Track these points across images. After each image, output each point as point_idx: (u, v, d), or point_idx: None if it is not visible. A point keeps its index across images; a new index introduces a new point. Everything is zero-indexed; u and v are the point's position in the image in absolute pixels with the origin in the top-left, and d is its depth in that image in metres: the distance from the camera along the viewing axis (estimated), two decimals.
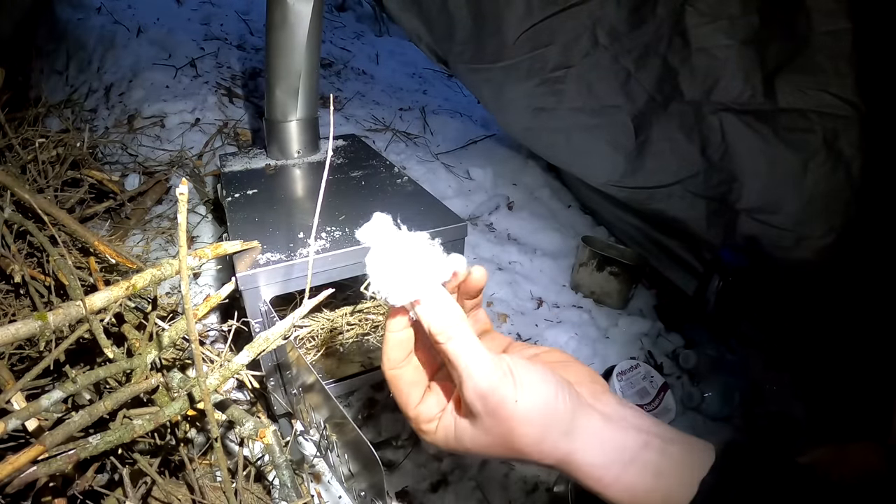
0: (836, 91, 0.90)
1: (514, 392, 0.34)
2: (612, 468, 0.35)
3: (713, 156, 1.13)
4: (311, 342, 0.94)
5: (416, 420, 0.39)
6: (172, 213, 1.40)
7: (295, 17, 1.06)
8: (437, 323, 0.35)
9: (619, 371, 1.16)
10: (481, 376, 0.34)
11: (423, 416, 0.39)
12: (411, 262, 0.36)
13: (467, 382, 0.34)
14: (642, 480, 0.34)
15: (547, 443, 0.35)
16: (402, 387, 0.39)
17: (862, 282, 1.00)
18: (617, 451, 0.35)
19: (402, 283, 0.36)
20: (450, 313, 0.35)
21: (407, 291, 0.36)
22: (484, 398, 0.34)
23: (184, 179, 0.47)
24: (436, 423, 0.38)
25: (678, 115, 1.13)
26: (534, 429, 0.34)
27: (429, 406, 0.39)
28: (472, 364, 0.34)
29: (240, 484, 0.64)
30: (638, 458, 0.35)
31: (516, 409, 0.33)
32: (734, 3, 0.95)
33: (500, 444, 0.35)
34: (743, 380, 1.19)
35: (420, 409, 0.39)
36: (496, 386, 0.34)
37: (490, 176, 1.81)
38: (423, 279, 0.36)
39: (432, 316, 0.35)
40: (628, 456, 0.35)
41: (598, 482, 0.35)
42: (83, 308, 0.55)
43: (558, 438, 0.35)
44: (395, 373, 0.39)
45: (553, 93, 1.31)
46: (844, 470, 0.36)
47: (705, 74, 1.04)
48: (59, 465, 0.46)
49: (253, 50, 2.17)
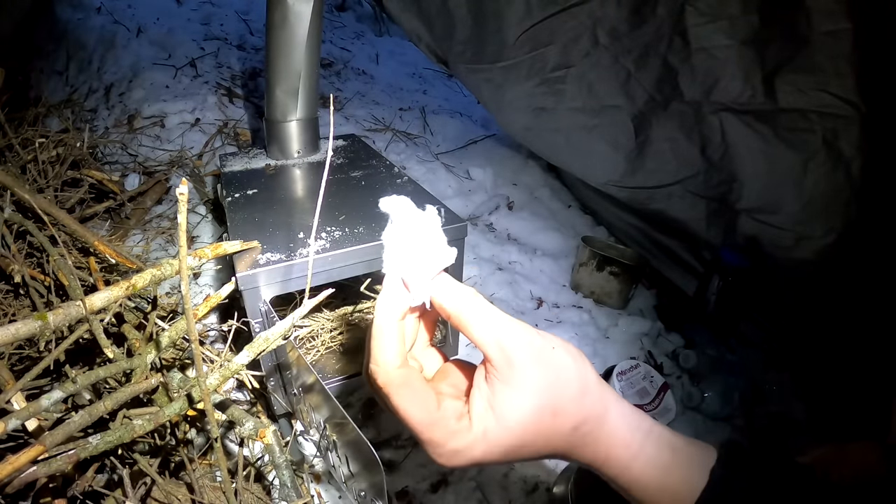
0: (836, 91, 0.90)
1: (549, 343, 0.35)
2: (636, 435, 0.36)
3: (713, 156, 1.13)
4: (311, 342, 0.94)
5: (445, 422, 0.34)
6: (172, 213, 1.40)
7: (295, 17, 1.06)
8: (461, 300, 0.35)
9: (619, 371, 1.16)
10: (513, 331, 0.34)
11: (449, 413, 0.34)
12: (429, 245, 0.35)
13: (504, 338, 0.34)
14: (659, 456, 0.35)
15: (589, 395, 0.35)
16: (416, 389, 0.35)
17: (862, 282, 1.00)
18: (637, 421, 0.36)
19: (420, 266, 0.35)
20: (467, 290, 0.36)
21: (425, 274, 0.35)
22: (529, 344, 0.34)
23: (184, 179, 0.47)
24: (466, 418, 0.34)
25: (678, 115, 1.13)
26: (573, 375, 0.35)
27: (451, 404, 0.35)
28: (506, 324, 0.34)
29: (240, 484, 0.64)
30: (653, 433, 0.36)
31: (555, 354, 0.35)
32: (734, 3, 0.95)
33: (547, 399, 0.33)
34: (743, 380, 1.19)
35: (445, 408, 0.35)
36: (533, 338, 0.35)
37: (490, 176, 1.81)
38: (438, 263, 0.35)
39: (453, 295, 0.35)
40: (647, 427, 0.36)
41: (627, 449, 0.35)
42: (83, 308, 0.55)
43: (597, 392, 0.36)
44: (396, 373, 0.35)
45: (553, 93, 1.31)
46: (844, 470, 0.36)
47: (705, 74, 1.04)
48: (59, 465, 0.46)
49: (253, 50, 2.17)
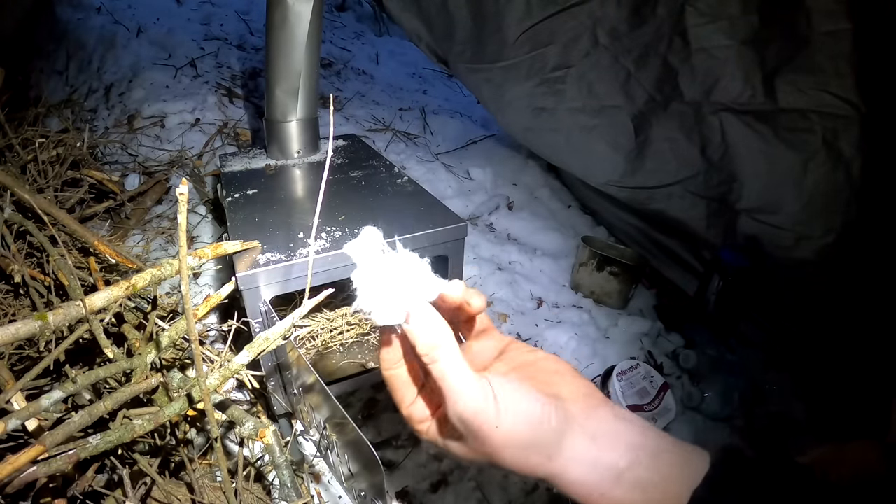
0: (836, 91, 0.90)
1: (497, 417, 0.34)
2: (599, 486, 0.35)
3: (713, 156, 1.13)
4: (311, 342, 0.94)
5: (410, 419, 0.41)
6: (172, 213, 1.40)
7: (295, 17, 1.06)
8: (423, 344, 0.35)
9: (619, 371, 1.16)
10: (464, 400, 0.34)
11: (415, 416, 0.41)
12: (397, 282, 0.36)
13: (450, 406, 0.35)
14: (630, 497, 0.35)
15: (530, 464, 0.36)
16: (397, 386, 0.41)
17: (862, 281, 1.00)
18: (604, 470, 0.35)
19: (387, 304, 0.36)
20: (435, 334, 0.35)
21: (391, 312, 0.36)
22: (465, 422, 0.34)
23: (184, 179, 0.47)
24: (427, 424, 0.40)
25: (678, 115, 1.13)
26: (515, 451, 0.35)
27: (420, 407, 0.41)
28: (456, 387, 0.34)
29: (240, 484, 0.64)
30: (625, 477, 0.35)
31: (497, 434, 0.34)
32: (734, 3, 0.95)
33: (486, 460, 0.36)
34: (743, 380, 1.19)
35: (412, 410, 0.41)
36: (478, 410, 0.34)
37: (490, 176, 1.81)
38: (408, 299, 0.36)
39: (418, 336, 0.36)
40: (615, 475, 0.35)
41: (587, 499, 0.35)
42: (83, 308, 0.55)
43: (542, 461, 0.35)
44: (390, 373, 0.40)
45: (553, 93, 1.31)
46: (843, 469, 0.36)
47: (705, 74, 1.04)
48: (59, 465, 0.46)
49: (253, 50, 2.17)
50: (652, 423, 0.99)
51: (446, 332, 0.36)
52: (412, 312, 0.36)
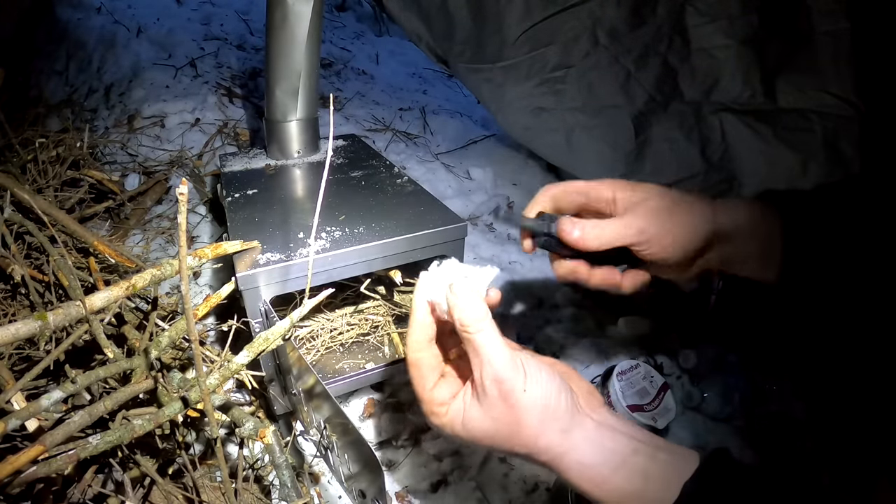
0: (836, 91, 0.90)
1: (524, 383, 0.39)
2: (602, 469, 0.38)
3: (713, 156, 1.13)
4: (311, 342, 0.94)
5: (430, 402, 0.44)
6: (172, 213, 1.40)
7: (295, 17, 1.06)
8: (468, 316, 0.41)
9: (619, 371, 1.16)
10: (499, 364, 0.39)
11: (436, 399, 0.44)
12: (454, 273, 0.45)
13: (486, 368, 0.39)
14: (630, 483, 0.37)
15: (545, 436, 0.39)
16: (422, 369, 0.45)
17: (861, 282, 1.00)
18: (608, 454, 0.38)
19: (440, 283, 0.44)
20: (479, 309, 0.41)
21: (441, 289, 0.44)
22: (499, 382, 0.39)
23: (184, 179, 0.47)
24: (446, 407, 0.43)
25: (678, 115, 1.13)
26: (535, 419, 0.39)
27: (441, 391, 0.44)
28: (493, 353, 0.39)
29: (239, 484, 0.64)
30: (628, 462, 0.38)
31: (523, 397, 0.38)
32: (734, 2, 0.95)
33: (504, 431, 0.40)
34: (743, 380, 1.19)
35: (434, 393, 0.44)
36: (510, 375, 0.39)
37: (490, 176, 1.81)
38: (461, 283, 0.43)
39: (464, 308, 0.41)
40: (619, 459, 0.38)
41: (590, 482, 0.38)
42: (83, 308, 0.55)
43: (556, 434, 0.39)
44: (417, 356, 0.44)
45: (553, 93, 1.31)
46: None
47: (705, 74, 1.04)
48: (59, 464, 0.46)
49: (253, 50, 2.17)
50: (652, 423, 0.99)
51: (487, 309, 0.42)
52: (460, 291, 0.42)
